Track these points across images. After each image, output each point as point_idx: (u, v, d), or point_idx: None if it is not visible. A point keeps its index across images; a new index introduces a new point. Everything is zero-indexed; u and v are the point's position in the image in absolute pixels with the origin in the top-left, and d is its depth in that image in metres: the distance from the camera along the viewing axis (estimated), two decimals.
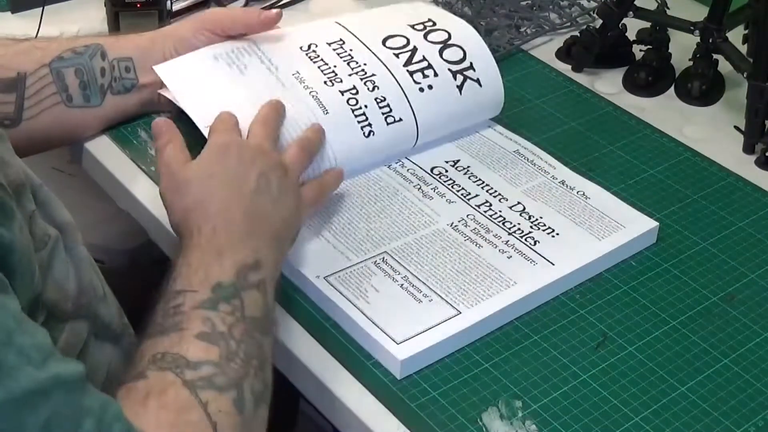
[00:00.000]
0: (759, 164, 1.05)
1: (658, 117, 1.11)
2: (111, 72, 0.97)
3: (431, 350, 0.80)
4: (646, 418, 0.77)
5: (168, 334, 0.69)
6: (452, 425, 0.75)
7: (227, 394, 0.66)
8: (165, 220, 0.92)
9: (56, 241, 0.69)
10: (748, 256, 0.92)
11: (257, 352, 0.71)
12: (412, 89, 0.98)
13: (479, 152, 1.01)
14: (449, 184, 0.96)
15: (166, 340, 0.69)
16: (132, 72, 0.98)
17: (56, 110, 0.95)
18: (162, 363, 0.67)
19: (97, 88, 0.96)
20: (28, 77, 0.93)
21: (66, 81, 0.95)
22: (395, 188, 0.95)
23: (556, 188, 0.96)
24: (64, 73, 0.95)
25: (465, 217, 0.92)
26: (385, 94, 0.97)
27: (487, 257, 0.88)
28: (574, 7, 1.29)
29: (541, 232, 0.91)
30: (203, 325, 0.69)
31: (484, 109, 1.03)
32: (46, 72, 0.94)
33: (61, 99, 0.95)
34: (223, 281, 0.73)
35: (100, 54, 0.97)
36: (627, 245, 0.91)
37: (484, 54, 1.03)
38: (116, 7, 1.14)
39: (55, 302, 0.68)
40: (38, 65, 0.94)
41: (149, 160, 0.99)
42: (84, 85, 0.96)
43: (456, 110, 1.00)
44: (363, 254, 0.87)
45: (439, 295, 0.84)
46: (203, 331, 0.69)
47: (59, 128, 0.96)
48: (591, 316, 0.85)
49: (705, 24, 1.11)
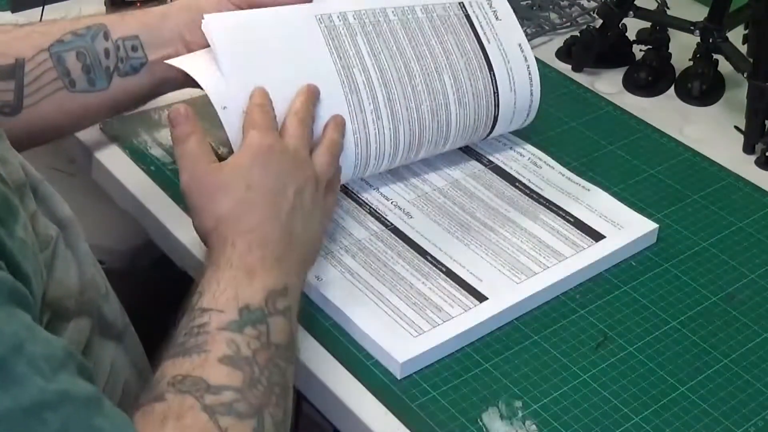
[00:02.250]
0: (759, 164, 1.05)
1: (658, 117, 1.11)
2: (116, 53, 0.91)
3: (431, 351, 0.80)
4: (646, 418, 0.77)
5: (190, 356, 0.67)
6: (452, 425, 0.75)
7: (247, 422, 0.65)
8: (165, 220, 0.93)
9: (57, 239, 0.69)
10: (748, 256, 0.92)
11: (280, 380, 0.69)
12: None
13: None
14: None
15: (188, 361, 0.67)
16: (140, 50, 0.91)
17: (59, 96, 0.90)
18: (182, 386, 0.65)
19: (102, 71, 0.91)
20: (27, 63, 0.88)
21: (67, 65, 0.90)
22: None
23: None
24: (64, 57, 0.90)
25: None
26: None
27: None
28: (574, 7, 1.29)
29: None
30: (228, 348, 0.67)
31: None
32: (45, 57, 0.89)
33: (63, 84, 0.90)
34: (252, 304, 0.71)
35: (103, 34, 0.91)
36: (627, 246, 0.91)
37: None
38: (116, 7, 1.14)
39: (59, 300, 0.67)
40: (37, 50, 0.89)
41: (149, 160, 0.99)
42: (87, 68, 0.90)
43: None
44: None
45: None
46: (227, 355, 0.67)
47: (64, 115, 0.91)
48: (591, 316, 0.85)
49: (705, 24, 1.11)
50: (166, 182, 0.96)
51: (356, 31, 0.90)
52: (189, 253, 0.90)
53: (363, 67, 0.89)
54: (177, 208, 0.94)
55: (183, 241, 0.91)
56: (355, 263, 0.86)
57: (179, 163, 0.80)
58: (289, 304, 0.73)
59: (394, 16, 0.92)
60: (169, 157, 0.99)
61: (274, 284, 0.73)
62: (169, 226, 0.93)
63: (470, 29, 0.95)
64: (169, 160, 0.99)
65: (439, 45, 0.93)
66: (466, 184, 0.97)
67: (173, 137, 0.81)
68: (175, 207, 0.94)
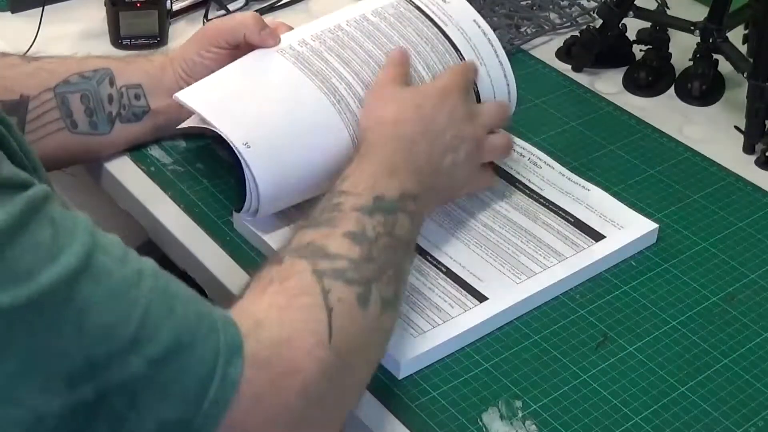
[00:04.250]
0: (759, 164, 1.05)
1: (658, 117, 1.11)
2: (119, 99, 0.95)
3: (431, 351, 0.80)
4: (646, 418, 0.77)
5: (319, 227, 0.74)
6: (452, 425, 0.75)
7: (353, 287, 0.70)
8: (165, 220, 0.93)
9: None
10: (748, 256, 0.92)
11: (395, 264, 0.75)
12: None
13: None
14: None
15: (316, 232, 0.73)
16: (142, 99, 0.96)
17: (60, 136, 0.93)
18: (303, 251, 0.71)
19: (105, 116, 0.95)
20: (32, 100, 0.90)
21: (70, 106, 0.93)
22: None
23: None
24: (69, 98, 0.93)
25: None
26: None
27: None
28: (574, 7, 1.29)
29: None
30: (355, 226, 0.74)
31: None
32: (50, 96, 0.92)
33: (65, 125, 0.93)
34: (387, 196, 0.77)
35: (109, 80, 0.95)
36: (627, 246, 0.91)
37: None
38: (116, 6, 1.14)
39: None
40: (43, 89, 0.92)
41: (149, 160, 0.99)
42: (90, 111, 0.94)
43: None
44: None
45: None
46: (352, 231, 0.73)
47: (64, 152, 0.94)
48: (591, 316, 0.85)
49: (705, 24, 1.11)
50: (166, 182, 0.96)
51: (320, 49, 0.91)
52: (189, 253, 0.91)
53: (339, 76, 0.89)
54: (177, 208, 0.94)
55: (183, 241, 0.91)
56: None
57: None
58: (417, 209, 0.80)
59: (350, 27, 0.93)
60: (169, 157, 0.99)
61: (410, 188, 0.79)
62: (169, 226, 0.93)
63: (425, 18, 0.96)
64: (169, 161, 0.99)
65: (402, 39, 0.93)
66: None
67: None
68: (175, 207, 0.94)
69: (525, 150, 1.01)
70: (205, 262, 0.89)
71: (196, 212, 0.93)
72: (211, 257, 0.89)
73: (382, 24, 0.94)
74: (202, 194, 0.95)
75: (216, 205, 0.94)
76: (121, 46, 1.15)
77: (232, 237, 0.91)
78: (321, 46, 0.91)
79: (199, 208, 0.94)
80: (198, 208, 0.94)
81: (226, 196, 0.94)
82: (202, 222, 0.92)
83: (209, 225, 0.92)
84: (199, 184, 0.96)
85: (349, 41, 0.92)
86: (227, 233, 0.91)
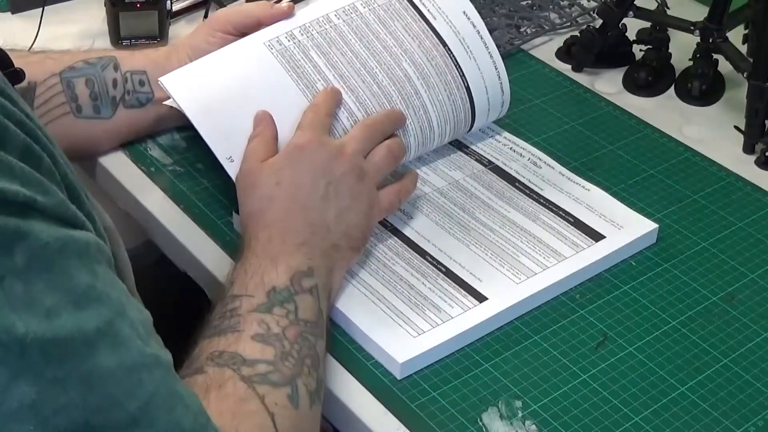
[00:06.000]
0: (759, 164, 1.05)
1: (658, 117, 1.11)
2: (123, 84, 0.95)
3: (431, 351, 0.80)
4: (646, 418, 0.77)
5: (225, 335, 0.72)
6: (452, 425, 0.75)
7: (282, 390, 0.69)
8: (165, 220, 0.93)
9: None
10: (748, 256, 0.92)
11: (310, 352, 0.74)
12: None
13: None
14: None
15: (223, 340, 0.72)
16: (147, 85, 0.96)
17: (65, 121, 0.93)
18: (219, 360, 0.70)
19: (109, 100, 0.95)
20: (38, 86, 0.91)
21: (76, 91, 0.94)
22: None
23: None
24: (74, 82, 0.94)
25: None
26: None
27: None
28: (574, 7, 1.29)
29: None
30: (259, 327, 0.73)
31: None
32: (56, 81, 0.93)
33: (70, 109, 0.93)
34: (278, 286, 0.76)
35: (113, 65, 0.95)
36: (627, 246, 0.91)
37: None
38: (116, 6, 1.14)
39: None
40: (49, 74, 0.93)
41: (149, 161, 0.99)
42: (95, 95, 0.94)
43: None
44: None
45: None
46: (259, 333, 0.72)
47: (68, 140, 0.91)
48: (591, 316, 0.85)
49: (705, 24, 1.11)
50: (166, 183, 0.96)
51: (307, 46, 0.91)
52: (189, 253, 0.91)
53: (325, 80, 0.90)
54: (177, 208, 0.94)
55: (183, 241, 0.91)
56: (355, 264, 0.86)
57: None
58: (315, 283, 0.78)
59: (339, 20, 0.93)
60: (168, 158, 0.99)
61: (298, 266, 0.78)
62: (169, 227, 0.93)
63: (414, 11, 0.96)
64: (169, 161, 0.99)
65: (390, 36, 0.93)
66: (466, 185, 0.97)
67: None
68: (175, 207, 0.94)
69: (525, 150, 1.01)
70: (205, 263, 0.89)
71: (196, 212, 0.93)
72: (211, 257, 0.89)
73: (371, 18, 0.94)
74: (202, 194, 0.95)
75: (216, 206, 0.94)
76: (121, 46, 1.15)
77: (232, 237, 0.91)
78: (309, 42, 0.91)
79: (199, 208, 0.94)
80: (198, 208, 0.94)
81: (226, 196, 0.94)
82: (202, 222, 0.92)
83: (209, 225, 0.92)
84: (199, 184, 0.96)
85: (336, 38, 0.92)
86: (227, 233, 0.91)
